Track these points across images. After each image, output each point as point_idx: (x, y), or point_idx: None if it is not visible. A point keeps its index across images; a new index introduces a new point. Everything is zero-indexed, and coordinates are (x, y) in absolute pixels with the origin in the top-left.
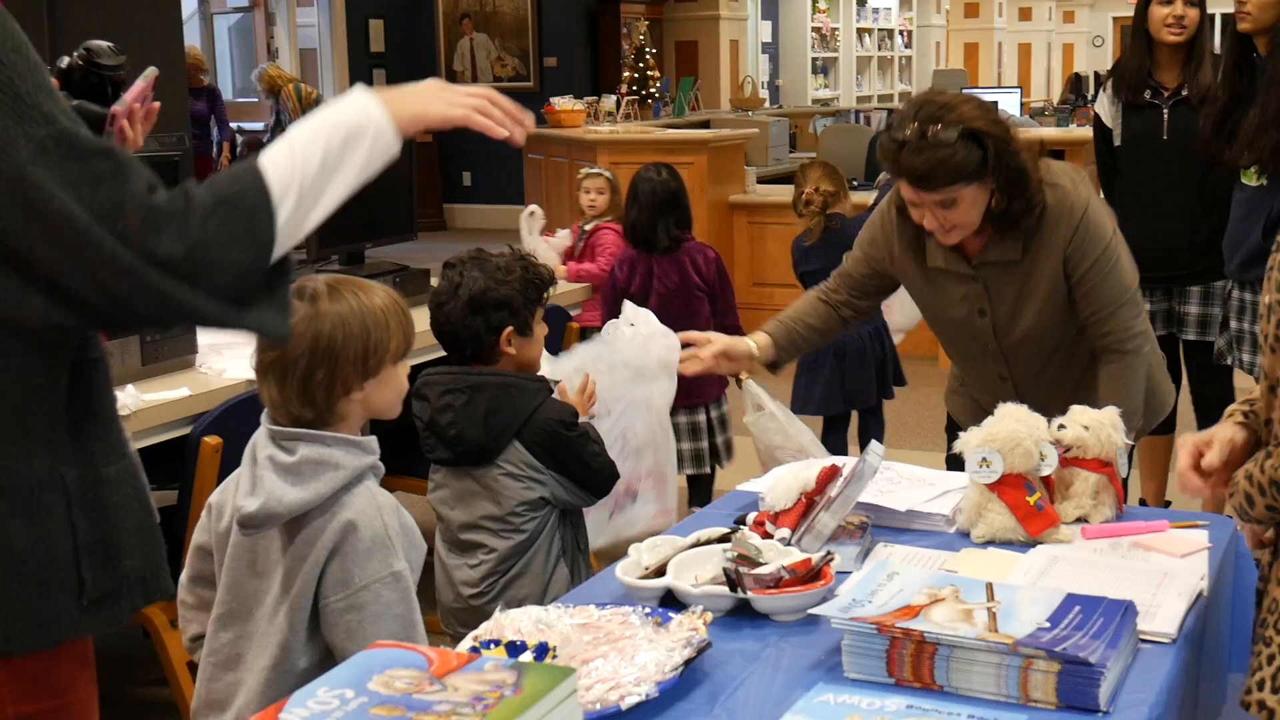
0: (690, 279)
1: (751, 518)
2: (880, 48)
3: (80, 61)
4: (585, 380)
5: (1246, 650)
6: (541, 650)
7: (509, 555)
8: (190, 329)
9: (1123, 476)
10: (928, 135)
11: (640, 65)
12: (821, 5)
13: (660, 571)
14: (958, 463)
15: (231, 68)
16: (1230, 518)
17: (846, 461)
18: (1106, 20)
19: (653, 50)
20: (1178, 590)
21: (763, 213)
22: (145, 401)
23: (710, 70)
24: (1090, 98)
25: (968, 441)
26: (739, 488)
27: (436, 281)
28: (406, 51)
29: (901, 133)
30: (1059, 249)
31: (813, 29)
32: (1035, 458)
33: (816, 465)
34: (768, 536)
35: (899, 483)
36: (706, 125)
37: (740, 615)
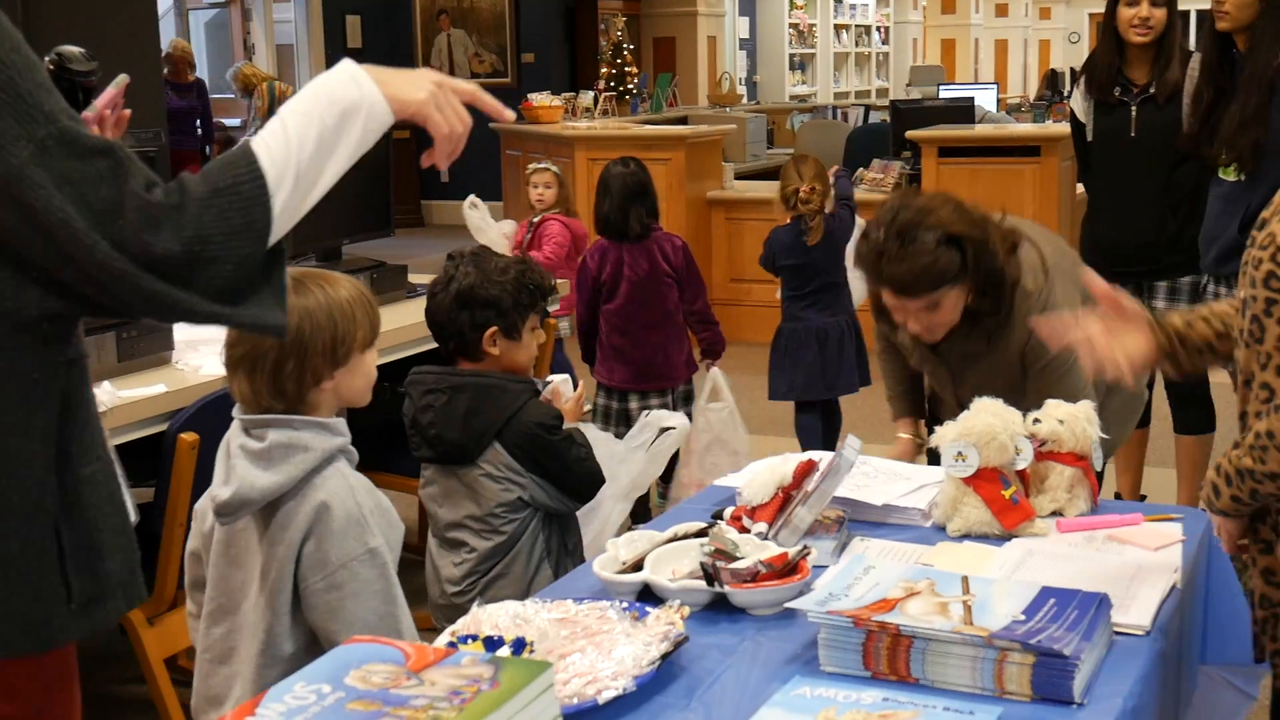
0: (660, 267)
1: (729, 512)
2: (857, 44)
3: (52, 66)
4: (581, 388)
5: (1218, 641)
6: (519, 645)
7: (489, 555)
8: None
9: (1098, 470)
10: (905, 243)
11: (618, 61)
12: (799, 1)
13: (637, 566)
14: (935, 456)
15: (207, 64)
16: (1204, 510)
17: (823, 456)
18: (1082, 16)
19: (630, 46)
20: (1152, 583)
21: (741, 209)
22: (121, 398)
23: (688, 66)
24: (1066, 94)
25: (943, 436)
26: (716, 483)
27: (414, 278)
28: (384, 47)
29: (880, 241)
30: (1020, 344)
31: (790, 25)
32: (1010, 452)
33: (793, 460)
34: (745, 531)
35: (875, 477)
36: (684, 121)
37: (717, 609)
